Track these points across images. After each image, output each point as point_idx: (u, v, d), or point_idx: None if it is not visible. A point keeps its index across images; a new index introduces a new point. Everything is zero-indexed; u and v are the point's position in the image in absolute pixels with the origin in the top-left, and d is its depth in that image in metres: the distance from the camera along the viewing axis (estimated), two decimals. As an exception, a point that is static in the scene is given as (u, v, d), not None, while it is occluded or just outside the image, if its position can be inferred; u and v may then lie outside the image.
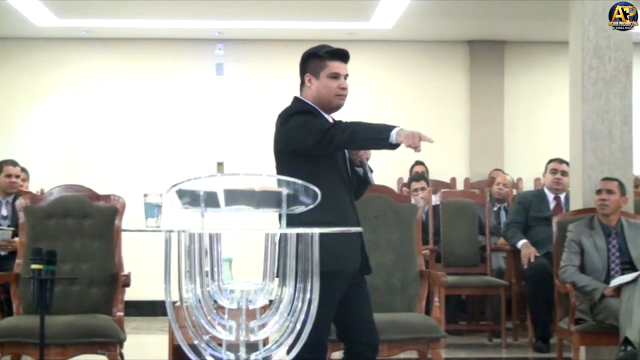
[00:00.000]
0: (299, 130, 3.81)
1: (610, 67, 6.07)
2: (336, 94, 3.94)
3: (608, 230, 5.72)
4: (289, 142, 3.88)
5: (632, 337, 5.08)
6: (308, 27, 9.34)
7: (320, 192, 3.11)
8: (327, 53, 3.96)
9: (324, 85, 3.92)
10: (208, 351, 2.99)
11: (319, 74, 3.93)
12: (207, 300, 3.00)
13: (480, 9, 8.64)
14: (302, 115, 3.85)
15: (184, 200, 3.02)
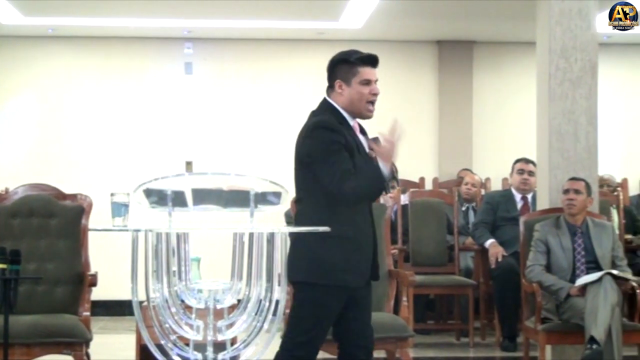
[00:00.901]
0: (325, 160, 3.76)
1: (577, 68, 6.12)
2: (367, 100, 3.93)
3: (574, 229, 5.77)
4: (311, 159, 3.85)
5: (598, 335, 5.12)
6: (277, 26, 9.34)
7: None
8: (358, 59, 3.94)
9: (356, 91, 3.91)
10: (175, 351, 2.98)
11: (350, 80, 3.91)
12: (175, 299, 2.99)
13: (449, 9, 8.67)
14: (331, 134, 3.79)
15: (151, 199, 3.01)
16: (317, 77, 10.34)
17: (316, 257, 3.74)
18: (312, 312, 3.79)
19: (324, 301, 3.78)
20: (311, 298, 3.78)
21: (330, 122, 3.84)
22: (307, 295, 3.80)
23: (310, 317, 3.80)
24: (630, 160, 10.06)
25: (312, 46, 9.98)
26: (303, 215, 3.85)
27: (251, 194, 3.05)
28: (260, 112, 9.90)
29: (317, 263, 3.75)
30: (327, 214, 3.71)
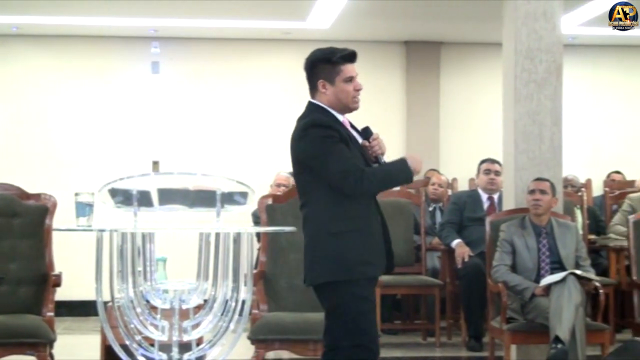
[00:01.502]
0: (323, 154, 3.74)
1: (542, 69, 6.15)
2: (353, 97, 3.91)
3: (539, 230, 5.80)
4: (310, 157, 3.80)
5: (562, 335, 5.16)
6: (244, 26, 9.32)
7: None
8: (340, 57, 3.93)
9: (341, 90, 3.88)
10: (140, 351, 2.97)
11: (334, 79, 3.89)
12: (140, 300, 2.98)
13: (417, 10, 8.70)
14: (323, 130, 3.78)
15: (116, 199, 3.00)
16: (285, 77, 10.44)
17: (335, 256, 3.71)
18: (357, 309, 3.75)
19: (361, 294, 3.74)
20: (349, 295, 3.73)
21: (321, 119, 3.84)
22: (341, 294, 3.73)
23: (358, 316, 3.75)
24: (594, 161, 10.15)
25: (279, 46, 9.97)
26: (311, 218, 3.80)
27: (217, 193, 3.05)
28: (227, 112, 9.88)
29: (337, 261, 3.72)
30: (335, 211, 3.72)
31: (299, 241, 5.41)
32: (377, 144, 3.90)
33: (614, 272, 7.23)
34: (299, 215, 5.45)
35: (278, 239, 5.53)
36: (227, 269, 3.08)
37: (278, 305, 5.39)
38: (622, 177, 9.81)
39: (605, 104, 10.45)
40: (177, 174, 3.17)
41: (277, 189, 7.83)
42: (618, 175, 9.85)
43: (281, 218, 5.49)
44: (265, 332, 4.99)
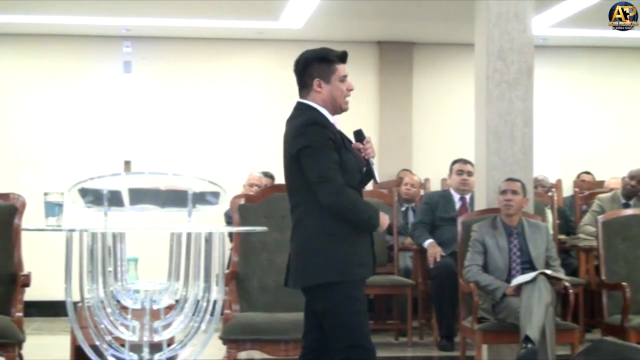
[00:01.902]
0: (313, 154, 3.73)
1: (513, 70, 6.18)
2: (345, 96, 3.98)
3: (510, 230, 5.83)
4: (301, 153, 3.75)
5: (532, 335, 5.18)
6: (217, 25, 9.30)
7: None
8: (337, 57, 3.97)
9: (337, 88, 3.93)
10: (110, 352, 2.95)
11: (329, 78, 3.93)
12: (110, 300, 2.96)
13: (390, 10, 8.72)
14: (322, 130, 3.79)
15: (86, 199, 2.98)
16: (258, 76, 10.42)
17: (333, 257, 3.71)
18: (354, 311, 3.75)
19: (356, 295, 3.76)
20: (345, 296, 3.73)
21: (321, 119, 3.85)
22: (338, 295, 3.73)
23: (355, 316, 3.75)
24: (565, 162, 10.23)
25: (252, 46, 9.96)
26: (306, 218, 3.77)
27: (189, 193, 3.03)
28: (200, 111, 9.85)
29: (335, 262, 3.72)
30: (322, 212, 3.71)
31: (271, 241, 5.47)
32: (370, 147, 3.96)
33: (584, 272, 7.28)
34: (271, 215, 5.50)
35: (250, 239, 5.52)
36: (199, 269, 3.06)
37: (250, 305, 5.39)
38: (591, 178, 9.89)
39: (575, 104, 10.53)
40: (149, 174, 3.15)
41: (250, 189, 7.82)
42: (588, 176, 9.94)
43: (253, 218, 5.48)
44: (237, 333, 4.98)
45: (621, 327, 5.68)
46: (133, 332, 3.00)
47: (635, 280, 5.97)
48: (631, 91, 10.59)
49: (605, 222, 6.19)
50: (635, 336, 5.58)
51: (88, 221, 2.98)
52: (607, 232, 6.15)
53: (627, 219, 6.27)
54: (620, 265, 6.08)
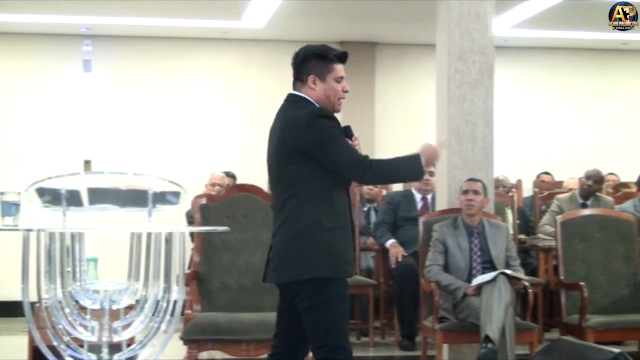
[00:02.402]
0: (332, 142, 3.73)
1: (474, 70, 6.22)
2: (339, 97, 3.94)
3: (471, 230, 5.86)
4: (316, 146, 3.73)
5: (492, 335, 5.21)
6: (179, 24, 9.25)
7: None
8: (335, 56, 3.91)
9: (331, 88, 3.89)
10: (68, 352, 2.93)
11: (325, 76, 3.87)
12: (68, 300, 2.93)
13: (352, 10, 8.73)
14: (330, 121, 3.80)
15: (44, 198, 2.95)
16: (220, 75, 10.37)
17: (327, 252, 3.69)
18: (340, 311, 3.73)
19: (343, 293, 3.75)
20: (332, 294, 3.70)
21: (326, 110, 3.85)
22: (328, 291, 3.70)
23: (339, 316, 3.73)
24: (525, 162, 10.31)
25: (214, 45, 9.93)
26: (299, 212, 3.72)
27: (149, 193, 3.01)
28: (161, 111, 9.79)
29: (328, 257, 3.69)
30: (327, 207, 3.71)
31: (233, 241, 5.46)
32: (358, 143, 3.94)
33: (543, 272, 7.34)
34: (233, 215, 5.49)
35: (212, 239, 5.50)
36: (159, 269, 3.04)
37: (211, 305, 5.37)
38: (551, 178, 9.99)
39: (535, 105, 10.63)
40: (108, 173, 3.12)
41: (212, 189, 7.79)
42: (547, 176, 10.03)
43: (215, 218, 5.46)
44: (198, 333, 4.96)
45: (579, 327, 5.74)
46: (92, 333, 2.97)
47: (592, 280, 6.04)
48: (590, 92, 10.72)
49: (564, 222, 6.25)
50: (592, 335, 5.63)
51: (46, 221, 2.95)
52: (565, 232, 6.21)
53: (585, 219, 6.34)
54: (578, 265, 6.14)
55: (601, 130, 10.67)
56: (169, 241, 3.07)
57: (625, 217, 6.45)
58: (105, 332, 2.96)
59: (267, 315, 5.09)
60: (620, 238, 6.23)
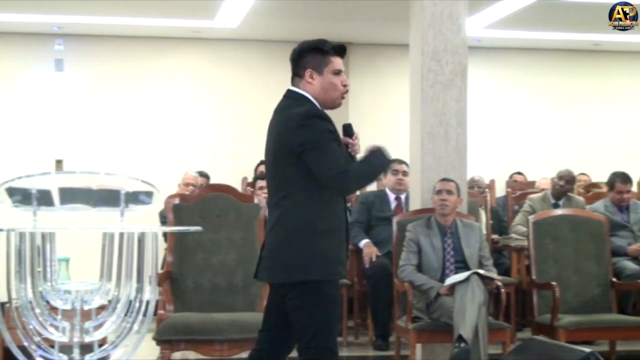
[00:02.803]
0: (322, 149, 3.64)
1: (448, 71, 6.23)
2: (339, 91, 3.82)
3: (444, 230, 5.88)
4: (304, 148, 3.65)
5: (465, 334, 5.23)
6: (152, 24, 9.22)
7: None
8: (332, 49, 3.84)
9: (329, 82, 3.79)
10: (39, 352, 2.90)
11: (322, 70, 3.79)
12: (39, 301, 2.90)
13: (326, 10, 8.74)
14: (324, 123, 3.69)
15: (14, 198, 2.91)
16: (193, 75, 10.34)
17: (320, 254, 3.65)
18: (329, 313, 3.70)
19: (335, 296, 3.72)
20: (325, 297, 3.67)
21: (321, 111, 3.74)
22: (317, 294, 3.66)
23: (329, 318, 3.70)
24: (498, 162, 10.37)
25: (187, 44, 9.91)
26: (294, 211, 3.68)
27: (121, 193, 2.99)
28: (134, 110, 9.75)
29: (321, 260, 3.65)
30: (322, 209, 3.67)
31: (207, 241, 5.44)
32: (358, 143, 3.87)
33: (516, 272, 7.38)
34: (206, 215, 5.47)
35: (185, 239, 5.48)
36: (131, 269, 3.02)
37: (184, 305, 5.35)
38: (523, 178, 10.05)
39: (508, 105, 10.69)
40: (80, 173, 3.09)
41: (185, 189, 7.77)
42: (520, 176, 10.09)
43: (188, 218, 5.45)
44: (171, 333, 4.94)
45: (551, 326, 5.77)
46: (63, 333, 2.94)
47: (564, 279, 6.07)
48: (562, 93, 10.80)
49: (536, 222, 6.28)
50: (564, 335, 5.66)
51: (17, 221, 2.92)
52: (538, 232, 6.24)
53: (556, 219, 6.37)
54: (550, 265, 6.17)
55: (573, 131, 10.75)
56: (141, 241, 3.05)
57: (596, 217, 6.49)
58: (76, 332, 2.94)
59: (240, 315, 5.09)
60: (591, 238, 6.28)
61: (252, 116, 9.93)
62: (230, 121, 9.97)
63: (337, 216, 3.75)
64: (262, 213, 5.59)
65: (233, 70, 9.95)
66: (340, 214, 3.78)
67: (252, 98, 9.90)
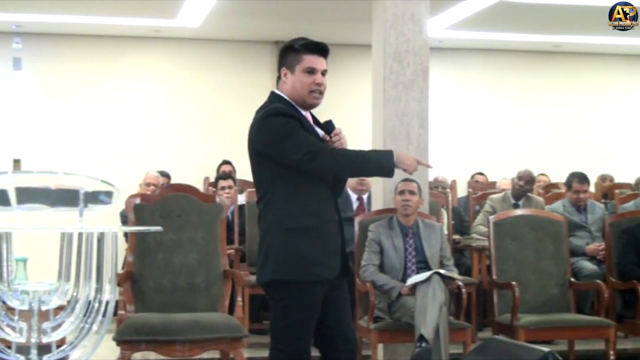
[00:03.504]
0: (286, 139, 3.59)
1: (409, 71, 6.25)
2: (310, 90, 3.67)
3: (406, 230, 5.89)
4: (270, 146, 3.64)
5: (427, 334, 5.24)
6: (113, 22, 9.15)
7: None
8: (302, 46, 3.70)
9: (299, 80, 3.67)
10: (-5, 353, 2.86)
11: (294, 68, 3.68)
12: (-4, 301, 2.87)
13: (287, 10, 8.73)
14: (284, 118, 3.63)
15: (-31, 198, 2.87)
16: (154, 74, 10.28)
17: (289, 254, 3.60)
18: (303, 315, 3.62)
19: (306, 299, 3.61)
20: (293, 298, 3.61)
21: (282, 108, 3.68)
22: (286, 295, 3.62)
23: (298, 321, 3.63)
24: (459, 162, 10.42)
25: (148, 44, 9.85)
26: (266, 213, 3.67)
27: (80, 193, 2.96)
28: (94, 109, 9.68)
29: (286, 258, 3.61)
30: (291, 207, 3.62)
31: (167, 241, 5.41)
32: (339, 139, 3.73)
33: (477, 272, 7.42)
34: (167, 215, 5.44)
35: (146, 239, 5.44)
36: (90, 270, 2.99)
37: (145, 305, 5.31)
38: (485, 179, 10.12)
39: (470, 106, 10.76)
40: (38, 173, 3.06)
41: (147, 189, 7.72)
42: (481, 177, 10.16)
43: (149, 218, 5.41)
44: (131, 333, 4.89)
45: (511, 326, 5.80)
46: (20, 334, 2.91)
47: (524, 279, 6.11)
48: (523, 93, 10.89)
49: (496, 223, 6.32)
50: (523, 334, 5.69)
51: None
52: (498, 232, 6.27)
53: (516, 219, 6.41)
54: (510, 265, 6.21)
55: (533, 131, 10.85)
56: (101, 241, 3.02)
57: (555, 217, 6.55)
58: (34, 333, 2.90)
59: (201, 316, 5.06)
60: (550, 238, 6.32)
61: (214, 116, 9.91)
62: (192, 121, 9.93)
63: (315, 214, 3.65)
64: (224, 213, 5.58)
65: (194, 70, 9.91)
66: (320, 213, 3.68)
67: (214, 98, 9.87)
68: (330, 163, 3.63)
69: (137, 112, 9.77)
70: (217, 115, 9.87)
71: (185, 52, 9.93)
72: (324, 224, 3.68)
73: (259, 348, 6.92)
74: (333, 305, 3.74)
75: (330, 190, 3.78)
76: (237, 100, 9.80)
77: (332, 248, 3.71)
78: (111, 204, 3.09)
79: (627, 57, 11.07)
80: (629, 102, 11.19)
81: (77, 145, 9.52)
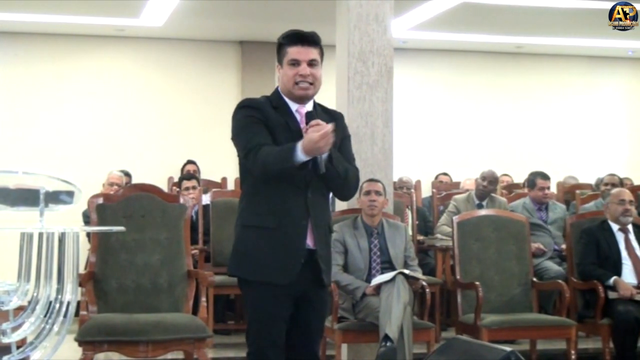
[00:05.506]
0: (238, 134, 3.62)
1: (374, 72, 6.26)
2: (295, 82, 3.59)
3: (370, 230, 5.90)
4: (232, 140, 3.66)
5: (391, 333, 5.25)
6: (75, 21, 9.08)
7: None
8: (285, 38, 3.69)
9: (284, 73, 3.65)
10: (-46, 356, 2.83)
11: (282, 61, 3.68)
12: (-46, 302, 2.83)
13: (252, 10, 8.71)
14: (244, 110, 3.62)
15: None
16: (118, 73, 10.21)
17: (239, 250, 3.59)
18: (255, 315, 3.59)
19: (258, 299, 3.54)
20: (248, 296, 3.61)
21: (250, 101, 3.69)
22: (244, 293, 3.64)
23: (253, 320, 3.60)
24: (424, 162, 10.47)
25: (112, 43, 9.78)
26: (238, 206, 3.68)
27: (41, 192, 2.93)
28: (56, 109, 9.60)
29: (240, 256, 3.59)
30: (251, 204, 3.59)
31: (131, 241, 5.38)
32: (313, 131, 3.39)
33: (441, 272, 7.45)
34: (130, 215, 5.41)
35: (109, 239, 5.40)
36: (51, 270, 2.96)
37: (108, 306, 5.27)
38: (449, 179, 10.16)
39: (433, 106, 10.81)
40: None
41: (110, 188, 7.67)
42: (445, 177, 10.20)
43: (112, 218, 5.37)
44: (94, 334, 4.86)
45: (474, 326, 5.83)
46: (-21, 335, 2.88)
47: (487, 279, 6.14)
48: (486, 94, 10.97)
49: (460, 223, 6.35)
50: (487, 334, 5.72)
51: None
52: (462, 233, 6.30)
53: (480, 219, 6.44)
54: (473, 265, 6.23)
55: (496, 132, 10.92)
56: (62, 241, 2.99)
57: (517, 217, 6.59)
58: (-7, 334, 2.88)
59: (164, 316, 5.04)
60: (513, 238, 6.36)
61: (179, 115, 9.87)
62: (156, 120, 9.88)
63: (278, 215, 3.51)
64: (188, 213, 5.55)
65: (158, 69, 9.86)
66: (288, 214, 3.51)
67: (179, 97, 9.82)
68: (253, 162, 3.51)
69: (100, 111, 9.70)
70: (182, 114, 9.83)
71: (149, 52, 9.88)
72: (285, 225, 3.51)
73: (223, 348, 6.92)
74: (301, 317, 3.63)
75: (304, 195, 3.55)
76: (202, 99, 9.77)
77: (291, 251, 3.53)
78: (72, 204, 3.07)
79: (587, 58, 11.18)
80: (590, 102, 11.31)
81: (39, 145, 9.44)
